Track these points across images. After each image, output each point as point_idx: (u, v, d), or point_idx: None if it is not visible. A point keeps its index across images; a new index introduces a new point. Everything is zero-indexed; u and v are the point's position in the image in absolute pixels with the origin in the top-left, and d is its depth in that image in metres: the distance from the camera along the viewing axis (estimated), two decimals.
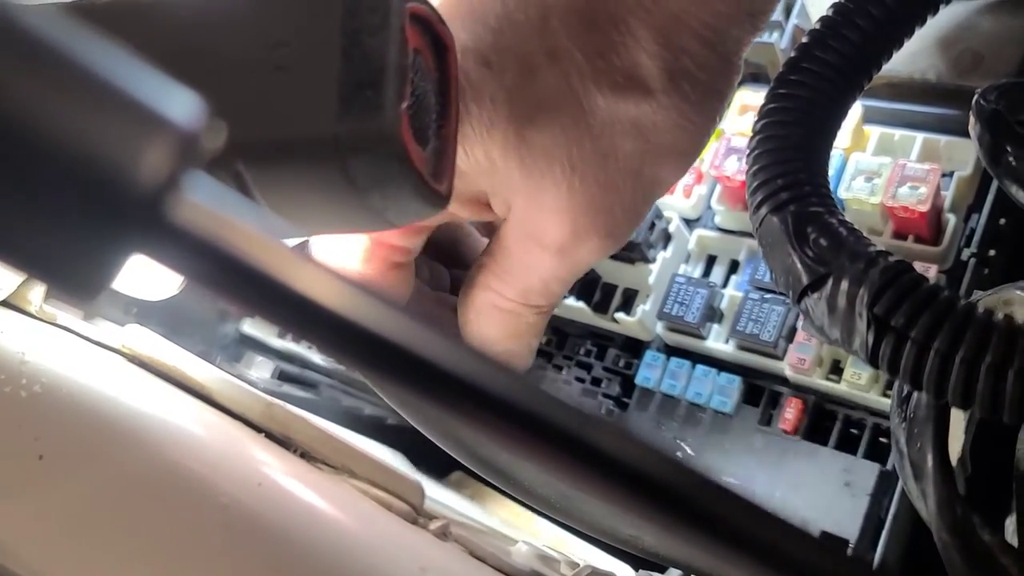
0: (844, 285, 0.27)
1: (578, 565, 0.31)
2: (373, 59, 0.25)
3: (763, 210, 0.30)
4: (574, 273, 0.35)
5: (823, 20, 0.33)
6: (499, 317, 0.36)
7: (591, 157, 0.32)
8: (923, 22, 0.33)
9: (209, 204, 0.12)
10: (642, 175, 0.33)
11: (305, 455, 0.31)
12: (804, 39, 0.33)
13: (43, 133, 0.11)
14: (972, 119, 0.32)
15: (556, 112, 0.32)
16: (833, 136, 0.33)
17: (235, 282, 0.12)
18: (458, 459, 0.35)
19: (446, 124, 0.29)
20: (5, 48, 0.11)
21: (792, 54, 0.33)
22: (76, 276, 0.12)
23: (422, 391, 0.13)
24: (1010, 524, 0.32)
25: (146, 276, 0.44)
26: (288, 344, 0.55)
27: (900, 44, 0.33)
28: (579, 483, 0.15)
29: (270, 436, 0.31)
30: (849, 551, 0.38)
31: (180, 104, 0.12)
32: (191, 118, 0.12)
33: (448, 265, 0.42)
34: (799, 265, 0.29)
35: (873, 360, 0.27)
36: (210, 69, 0.26)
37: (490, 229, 0.39)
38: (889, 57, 0.33)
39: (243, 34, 0.26)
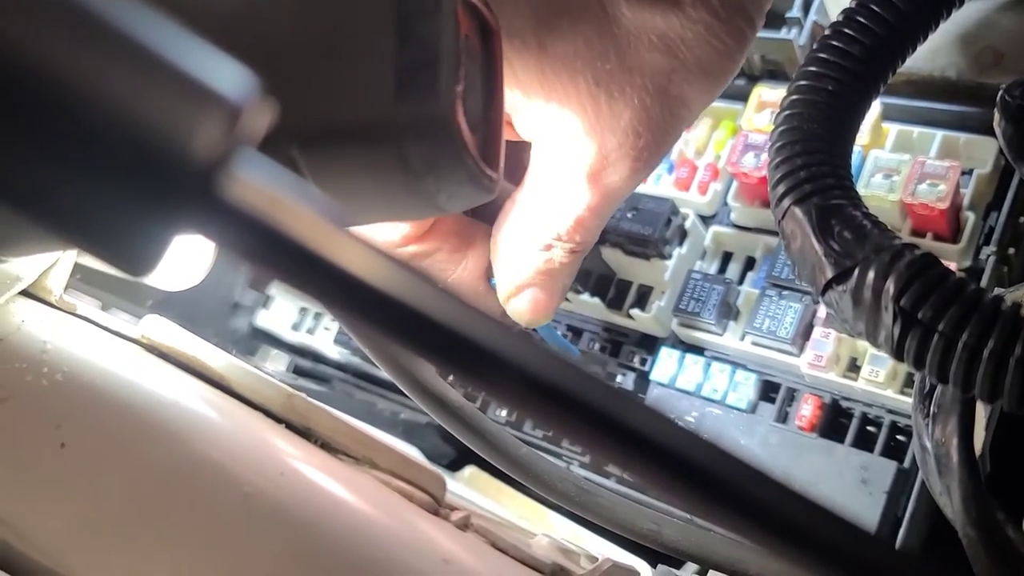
0: (870, 278, 0.27)
1: (597, 559, 0.31)
2: (427, 43, 0.25)
3: (786, 202, 0.30)
4: (606, 203, 0.34)
5: (846, 13, 0.33)
6: (530, 254, 0.35)
7: (616, 71, 0.31)
8: (946, 16, 0.33)
9: (261, 182, 0.12)
10: (669, 93, 0.32)
11: (326, 446, 0.31)
12: (827, 32, 0.32)
13: (98, 106, 0.11)
14: (997, 115, 0.32)
15: (579, 20, 0.31)
16: (855, 130, 0.33)
17: (285, 261, 0.12)
18: (476, 451, 0.35)
19: (494, 109, 0.29)
20: (62, 22, 0.11)
21: (814, 47, 0.32)
22: (129, 251, 0.12)
23: (465, 370, 0.13)
24: None
25: (164, 266, 0.44)
26: (302, 338, 0.55)
27: (923, 38, 0.33)
28: (615, 460, 0.15)
29: (291, 427, 0.31)
30: None
31: (233, 80, 0.12)
32: (244, 94, 0.12)
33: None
34: (824, 258, 0.29)
35: (899, 353, 0.27)
36: (263, 54, 0.26)
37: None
38: (912, 52, 0.33)
39: (296, 19, 0.26)
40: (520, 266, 0.36)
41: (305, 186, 0.13)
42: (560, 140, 0.33)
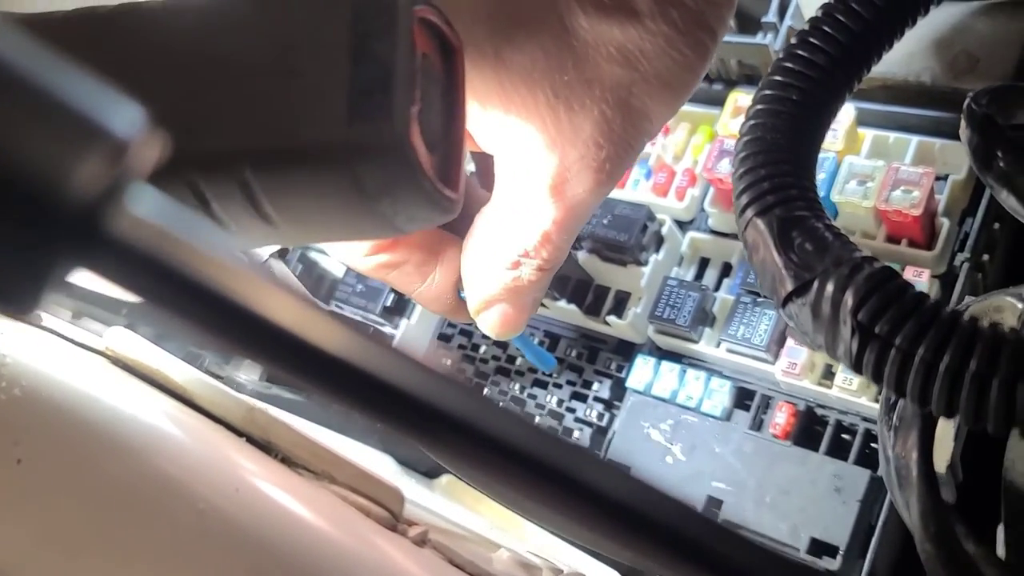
0: (828, 291, 0.27)
1: (561, 572, 0.31)
2: (382, 63, 0.25)
3: (748, 213, 0.30)
4: (572, 218, 0.34)
5: (811, 21, 0.32)
6: (497, 271, 0.35)
7: (576, 83, 0.31)
8: (913, 23, 0.33)
9: (150, 217, 0.12)
10: (631, 105, 0.32)
11: (286, 460, 0.30)
12: (792, 41, 0.32)
13: None
14: (963, 123, 0.32)
15: (537, 32, 0.31)
16: (821, 138, 0.32)
17: (177, 297, 0.12)
18: (441, 463, 0.35)
19: (454, 128, 0.29)
20: None
21: (779, 56, 0.32)
22: (9, 289, 0.12)
23: (369, 409, 0.13)
24: (1001, 533, 0.31)
25: None
26: None
27: (890, 45, 0.32)
28: (556, 514, 0.15)
29: (251, 440, 0.31)
30: (839, 558, 0.38)
31: (117, 113, 0.12)
32: (129, 128, 0.12)
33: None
34: (784, 270, 0.28)
35: (857, 367, 0.27)
36: (216, 75, 0.25)
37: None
38: (879, 58, 0.33)
39: (250, 39, 0.26)
40: (488, 282, 0.36)
41: (197, 220, 0.12)
42: (521, 153, 0.32)
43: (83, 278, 0.13)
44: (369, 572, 0.27)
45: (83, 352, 0.34)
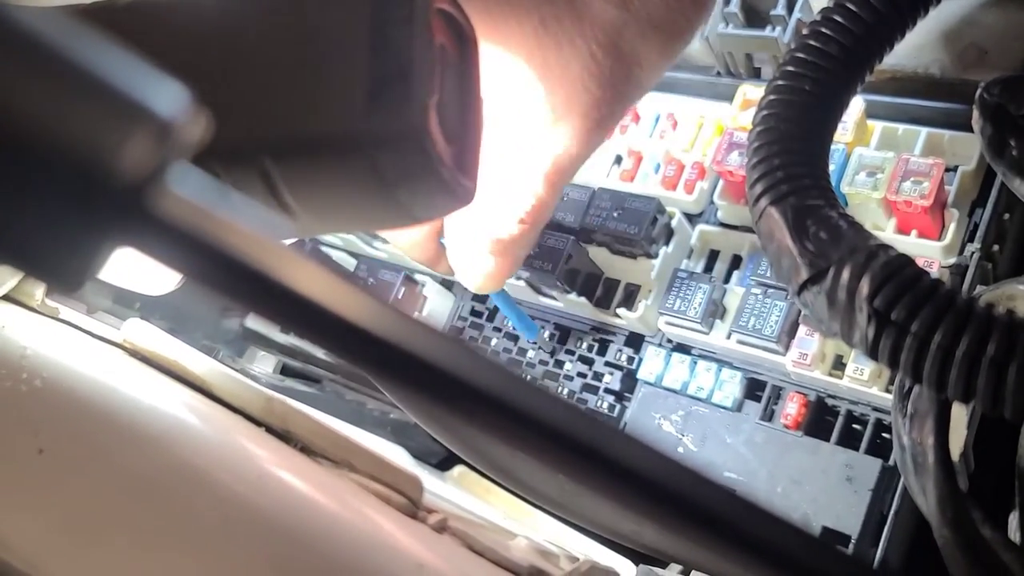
0: (844, 279, 0.27)
1: (577, 559, 0.31)
2: (401, 53, 0.25)
3: (762, 202, 0.30)
4: (557, 168, 0.33)
5: (823, 12, 0.32)
6: (479, 220, 0.34)
7: (566, 17, 0.30)
8: (925, 12, 0.33)
9: (193, 196, 0.12)
10: (621, 49, 0.31)
11: (305, 449, 0.31)
12: (804, 31, 0.32)
13: (23, 123, 0.11)
14: (975, 113, 0.32)
15: None
16: (833, 128, 0.33)
17: (219, 274, 0.12)
18: (458, 454, 0.35)
19: (471, 117, 0.29)
20: None
21: (792, 46, 0.32)
22: (58, 267, 0.12)
23: (406, 384, 0.13)
24: (1013, 520, 0.32)
25: (148, 271, 0.44)
26: (292, 339, 0.55)
27: (901, 36, 0.33)
28: (578, 479, 0.15)
29: (270, 430, 0.31)
30: (851, 547, 0.38)
31: (163, 94, 0.12)
32: (174, 108, 0.12)
33: None
34: (799, 258, 0.29)
35: (873, 354, 0.27)
36: (235, 65, 0.26)
37: None
38: (891, 48, 0.33)
39: (269, 29, 0.26)
40: (471, 232, 0.35)
41: (239, 199, 0.13)
42: (507, 92, 0.32)
43: (105, 272, 0.14)
44: (390, 559, 0.27)
45: (101, 344, 0.34)
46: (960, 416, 0.33)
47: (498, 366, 0.13)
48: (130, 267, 0.33)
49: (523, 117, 0.32)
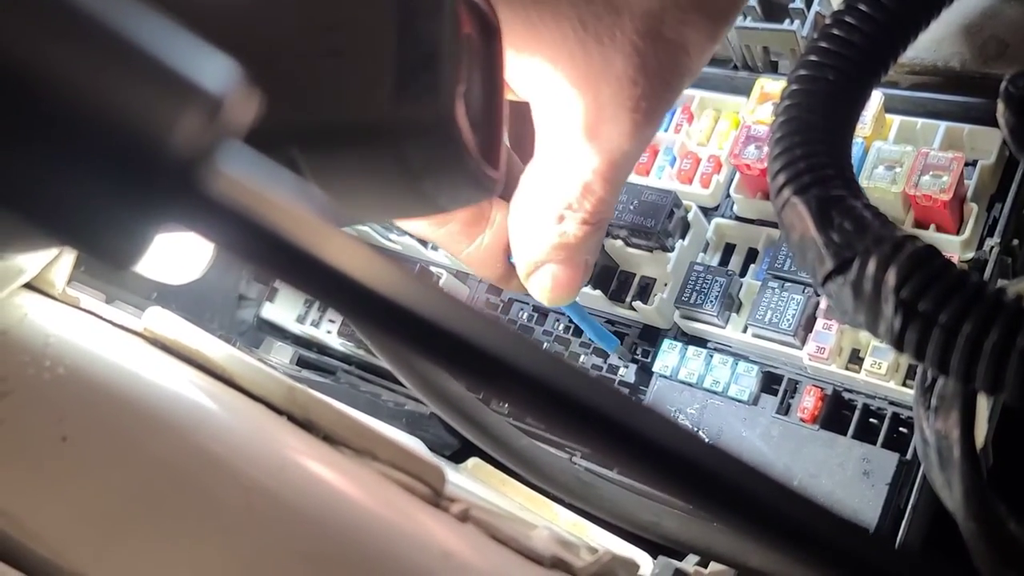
0: (870, 269, 0.27)
1: (597, 551, 0.31)
2: (428, 42, 0.25)
3: (785, 193, 0.30)
4: (612, 166, 0.32)
5: (847, 2, 0.32)
6: (543, 229, 0.34)
7: (603, 13, 0.30)
8: (949, 3, 0.33)
9: (244, 175, 0.12)
10: (664, 37, 0.31)
11: (327, 438, 0.31)
12: (827, 21, 0.32)
13: (76, 98, 0.11)
14: (1000, 105, 0.32)
15: None
16: (856, 120, 0.32)
17: (270, 255, 0.12)
18: (475, 443, 0.35)
19: (495, 107, 0.29)
20: (34, 12, 0.11)
21: (815, 37, 0.32)
22: (110, 245, 0.12)
23: (450, 364, 0.13)
24: None
25: (167, 260, 0.44)
26: (307, 329, 0.55)
27: (925, 26, 0.32)
28: (609, 456, 0.15)
29: (292, 419, 0.31)
30: None
31: (215, 72, 0.12)
32: (226, 86, 0.12)
33: None
34: (824, 249, 0.28)
35: (899, 345, 0.27)
36: (263, 52, 0.26)
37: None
38: (913, 39, 0.33)
39: (296, 17, 0.26)
40: (535, 242, 0.35)
41: (292, 180, 0.13)
42: (554, 96, 0.31)
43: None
44: (414, 548, 0.27)
45: (122, 332, 0.34)
46: (981, 410, 0.33)
47: (546, 353, 0.13)
48: (151, 255, 0.33)
49: (573, 119, 0.32)
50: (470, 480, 0.42)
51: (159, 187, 0.12)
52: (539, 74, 0.31)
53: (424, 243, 0.52)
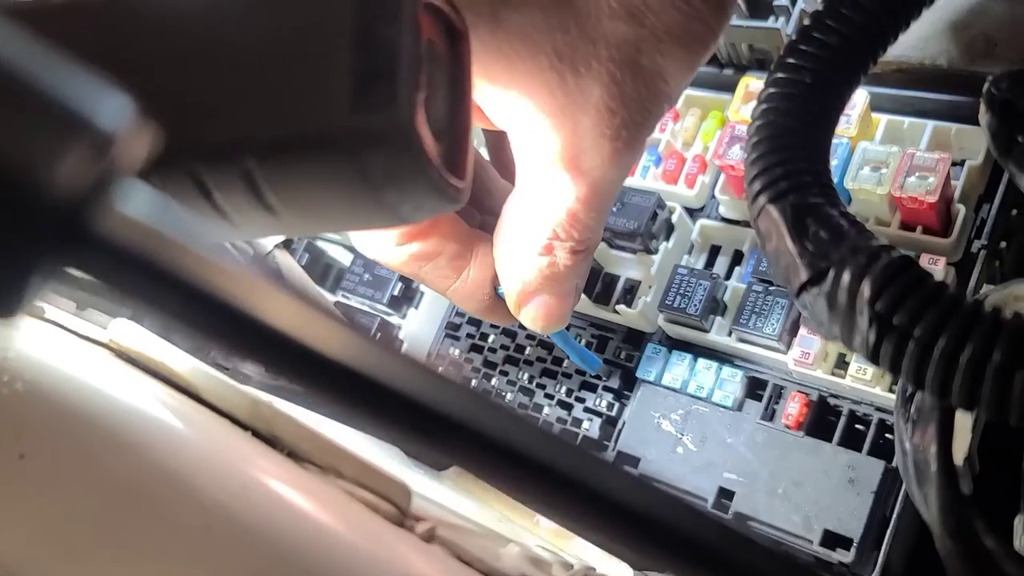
0: (845, 280, 0.26)
1: (572, 566, 0.31)
2: (386, 49, 0.24)
3: (761, 200, 0.29)
4: (596, 193, 0.32)
5: (826, 2, 0.31)
6: (530, 259, 0.33)
7: (579, 43, 0.29)
8: (929, 4, 0.32)
9: (141, 214, 0.11)
10: (641, 65, 0.30)
11: (292, 454, 0.30)
12: (805, 22, 0.31)
13: None
14: (982, 108, 0.31)
15: None
16: (835, 122, 0.32)
17: (167, 298, 0.11)
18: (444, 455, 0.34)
19: (461, 114, 0.28)
20: None
21: (792, 38, 0.31)
22: None
23: (367, 412, 0.12)
24: (1019, 524, 0.31)
25: None
26: None
27: (905, 26, 0.32)
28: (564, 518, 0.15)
29: (257, 434, 0.30)
30: (853, 550, 0.37)
31: (103, 104, 0.11)
32: (115, 119, 0.11)
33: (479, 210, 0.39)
34: (798, 258, 0.28)
35: (874, 358, 0.26)
36: (217, 63, 0.25)
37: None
38: (894, 40, 0.32)
39: (252, 25, 0.25)
40: (524, 273, 0.34)
41: (189, 217, 0.12)
42: (533, 127, 0.31)
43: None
44: (376, 570, 0.26)
45: (87, 345, 0.33)
46: (965, 419, 0.32)
47: (470, 394, 0.12)
48: None
49: (553, 150, 0.31)
50: (450, 489, 0.42)
51: (41, 229, 0.11)
52: (516, 106, 0.31)
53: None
